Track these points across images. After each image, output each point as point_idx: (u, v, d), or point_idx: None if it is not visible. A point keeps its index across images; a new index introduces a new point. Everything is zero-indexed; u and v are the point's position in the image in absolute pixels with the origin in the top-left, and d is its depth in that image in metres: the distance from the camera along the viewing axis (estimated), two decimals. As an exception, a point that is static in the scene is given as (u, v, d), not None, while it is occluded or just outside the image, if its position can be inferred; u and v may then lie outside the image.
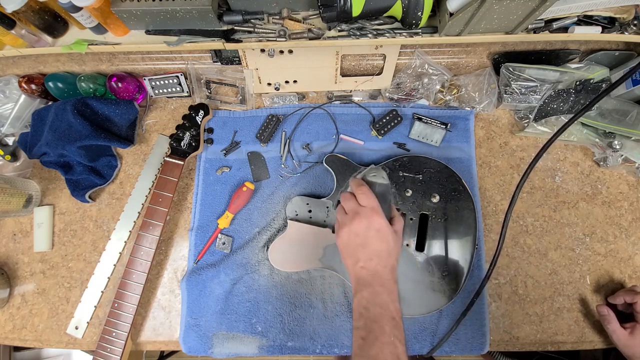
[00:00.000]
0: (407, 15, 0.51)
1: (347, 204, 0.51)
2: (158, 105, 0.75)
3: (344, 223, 0.49)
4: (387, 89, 0.71)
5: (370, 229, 0.47)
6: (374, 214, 0.48)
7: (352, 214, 0.49)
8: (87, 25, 0.55)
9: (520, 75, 0.67)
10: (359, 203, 0.49)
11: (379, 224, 0.47)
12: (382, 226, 0.47)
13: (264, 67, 0.67)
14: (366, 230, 0.47)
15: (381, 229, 0.47)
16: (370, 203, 0.49)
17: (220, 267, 0.64)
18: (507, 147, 0.71)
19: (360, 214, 0.48)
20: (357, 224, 0.47)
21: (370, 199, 0.49)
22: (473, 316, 0.62)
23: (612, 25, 0.58)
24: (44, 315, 0.65)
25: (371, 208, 0.48)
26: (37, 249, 0.68)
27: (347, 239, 0.48)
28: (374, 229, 0.47)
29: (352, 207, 0.49)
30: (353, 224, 0.48)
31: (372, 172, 0.54)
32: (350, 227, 0.48)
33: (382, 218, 0.48)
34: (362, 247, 0.47)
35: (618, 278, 0.65)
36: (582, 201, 0.69)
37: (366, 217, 0.47)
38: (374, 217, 0.47)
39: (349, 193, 0.52)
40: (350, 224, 0.48)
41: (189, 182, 0.70)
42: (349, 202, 0.50)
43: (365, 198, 0.49)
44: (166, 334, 0.64)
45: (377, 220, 0.47)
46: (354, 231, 0.47)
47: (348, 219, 0.49)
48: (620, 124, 0.66)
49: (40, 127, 0.68)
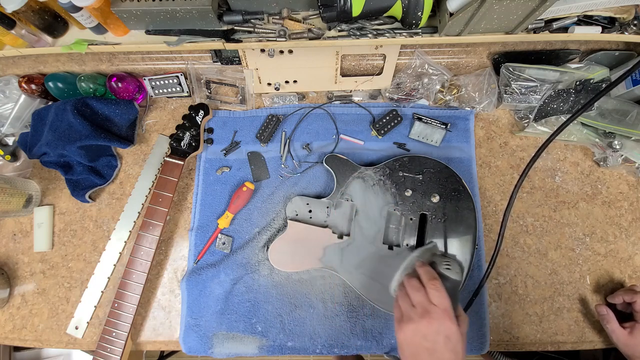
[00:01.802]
0: (407, 15, 0.51)
1: (415, 295, 0.46)
2: (158, 105, 0.75)
3: (410, 318, 0.45)
4: (387, 89, 0.71)
5: (440, 334, 0.43)
6: (447, 318, 0.44)
7: (421, 310, 0.45)
8: (87, 25, 0.55)
9: (520, 75, 0.67)
10: (429, 299, 0.45)
11: (451, 330, 0.43)
12: (454, 334, 0.43)
13: (264, 67, 0.67)
14: (436, 335, 0.43)
15: (452, 336, 0.43)
16: (443, 303, 0.45)
17: (220, 267, 0.64)
18: (507, 147, 0.71)
19: (431, 314, 0.44)
20: (426, 325, 0.44)
21: (444, 298, 0.45)
22: (473, 316, 0.62)
23: (612, 25, 0.58)
24: (44, 315, 0.66)
25: (444, 310, 0.44)
26: (37, 249, 0.68)
27: (412, 338, 0.44)
28: (444, 335, 0.43)
29: (422, 303, 0.45)
30: (422, 323, 0.44)
31: (445, 263, 0.48)
32: (418, 325, 0.44)
33: (454, 324, 0.44)
34: (428, 354, 0.43)
35: (618, 278, 0.65)
36: (582, 201, 0.69)
37: (438, 320, 0.43)
38: (446, 322, 0.43)
39: (418, 281, 0.47)
40: (419, 323, 0.44)
41: (189, 182, 0.70)
42: (418, 295, 0.46)
43: (439, 297, 0.45)
44: (166, 334, 0.64)
45: (449, 327, 0.43)
46: (422, 333, 0.44)
47: (416, 315, 0.45)
48: (620, 124, 0.66)
49: (40, 127, 0.68)
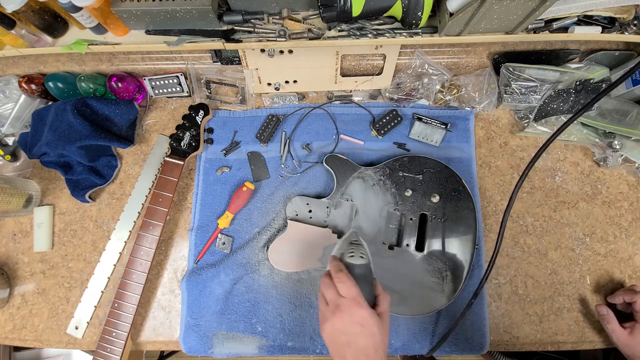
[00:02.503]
0: (407, 15, 0.51)
1: (327, 292, 0.47)
2: (158, 105, 0.75)
3: (325, 317, 0.46)
4: (387, 89, 0.71)
5: (353, 324, 0.44)
6: (356, 305, 0.44)
7: (332, 306, 0.45)
8: (87, 25, 0.55)
9: (520, 75, 0.67)
10: (338, 292, 0.46)
11: (362, 316, 0.44)
12: (366, 318, 0.44)
13: (264, 67, 0.67)
14: (349, 327, 0.44)
15: (364, 321, 0.44)
16: (350, 292, 0.45)
17: (220, 267, 0.64)
18: (507, 147, 0.71)
19: (340, 307, 0.44)
20: (338, 319, 0.44)
21: (350, 287, 0.45)
22: (473, 316, 0.62)
23: (612, 25, 0.58)
24: (44, 315, 0.66)
25: (352, 299, 0.44)
26: (37, 249, 0.68)
27: (331, 335, 0.45)
28: (357, 323, 0.44)
29: (332, 298, 0.46)
30: (335, 319, 0.44)
31: (350, 251, 0.49)
32: (332, 322, 0.45)
33: (364, 309, 0.44)
34: (347, 346, 0.44)
35: (618, 278, 0.65)
36: (582, 201, 0.69)
37: (347, 311, 0.44)
38: (355, 310, 0.44)
39: (328, 278, 0.48)
40: (332, 319, 0.44)
41: (189, 182, 0.70)
42: (329, 291, 0.46)
43: (344, 287, 0.45)
44: (166, 334, 0.64)
45: (359, 313, 0.44)
46: (337, 328, 0.44)
47: (329, 313, 0.45)
48: (620, 124, 0.66)
49: (40, 127, 0.68)
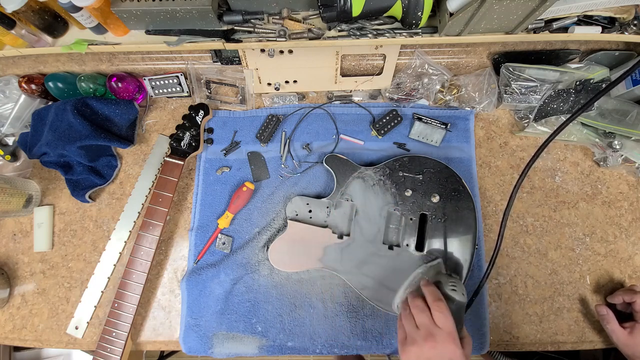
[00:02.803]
0: (407, 15, 0.51)
1: (419, 316, 0.46)
2: (158, 105, 0.75)
3: (413, 340, 0.45)
4: (387, 89, 0.71)
5: (444, 358, 0.43)
6: (451, 341, 0.43)
7: (425, 332, 0.44)
8: (87, 25, 0.55)
9: (520, 75, 0.67)
10: (434, 321, 0.45)
11: (455, 354, 0.43)
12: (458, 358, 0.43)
13: (264, 67, 0.67)
14: (438, 358, 0.43)
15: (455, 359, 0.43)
16: (447, 326, 0.44)
17: (220, 267, 0.64)
18: (507, 147, 0.71)
19: (435, 337, 0.44)
20: (430, 348, 0.43)
21: (448, 321, 0.44)
22: (473, 316, 0.62)
23: (612, 25, 0.58)
24: (44, 315, 0.66)
25: (448, 333, 0.44)
26: (37, 249, 0.68)
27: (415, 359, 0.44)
28: (447, 358, 0.43)
29: (426, 325, 0.45)
30: (425, 347, 0.43)
31: (451, 284, 0.48)
32: (422, 348, 0.44)
33: (458, 348, 0.44)
34: None
35: (618, 278, 0.65)
36: (582, 201, 0.69)
37: (442, 344, 0.43)
38: (449, 346, 0.43)
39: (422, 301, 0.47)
40: (422, 346, 0.44)
41: (189, 182, 0.70)
42: (422, 316, 0.46)
43: (443, 318, 0.45)
44: (166, 334, 0.64)
45: (453, 350, 0.43)
46: (426, 356, 0.43)
47: (420, 338, 0.44)
48: (620, 124, 0.66)
49: (40, 127, 0.68)
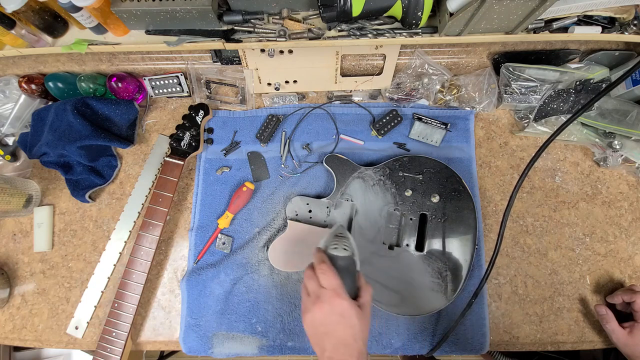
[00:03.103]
0: (407, 15, 0.51)
1: (309, 283, 0.47)
2: (158, 105, 0.75)
3: (306, 308, 0.46)
4: (387, 89, 0.71)
5: (332, 313, 0.44)
6: (336, 296, 0.44)
7: (313, 297, 0.46)
8: (87, 25, 0.55)
9: (520, 75, 0.67)
10: (320, 284, 0.46)
11: (342, 307, 0.44)
12: (345, 309, 0.44)
13: (264, 67, 0.67)
14: (329, 316, 0.44)
15: (344, 312, 0.44)
16: (330, 283, 0.45)
17: (220, 267, 0.64)
18: (507, 147, 0.71)
19: (321, 297, 0.45)
20: (318, 310, 0.45)
21: (331, 278, 0.45)
22: (473, 316, 0.62)
23: (612, 25, 0.58)
24: (44, 315, 0.66)
25: (332, 290, 0.45)
26: (37, 249, 0.68)
27: (311, 326, 0.46)
28: (336, 313, 0.44)
29: (313, 289, 0.46)
30: (315, 310, 0.45)
31: (333, 243, 0.49)
32: (312, 313, 0.45)
33: (344, 299, 0.44)
34: (326, 336, 0.44)
35: (618, 278, 0.65)
36: (582, 201, 0.69)
37: (327, 302, 0.44)
38: (335, 301, 0.44)
39: (311, 270, 0.48)
40: (313, 310, 0.45)
41: (189, 182, 0.70)
42: (311, 282, 0.47)
43: (326, 278, 0.46)
44: (166, 334, 0.64)
45: (339, 304, 0.44)
46: (317, 318, 0.45)
47: (310, 304, 0.46)
48: (620, 124, 0.66)
49: (40, 127, 0.68)
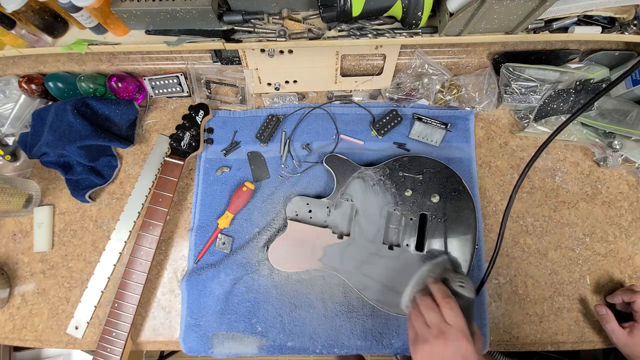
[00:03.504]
0: (407, 15, 0.51)
1: (429, 315, 0.46)
2: (158, 105, 0.75)
3: (425, 339, 0.45)
4: (387, 89, 0.71)
5: (457, 355, 0.43)
6: (463, 338, 0.44)
7: (436, 331, 0.44)
8: (87, 25, 0.55)
9: (520, 75, 0.67)
10: (444, 318, 0.45)
11: (467, 351, 0.43)
12: (470, 354, 0.43)
13: (264, 67, 0.67)
14: (453, 357, 0.43)
15: (469, 356, 0.43)
16: (458, 323, 0.44)
17: (220, 267, 0.64)
18: (507, 147, 0.71)
19: (446, 334, 0.44)
20: (442, 346, 0.43)
21: (459, 318, 0.45)
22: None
23: (612, 25, 0.58)
24: (44, 315, 0.66)
25: (459, 330, 0.44)
26: (37, 249, 0.68)
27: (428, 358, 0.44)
28: (460, 355, 0.43)
29: (437, 323, 0.45)
30: (437, 344, 0.44)
31: (459, 280, 0.48)
32: (433, 346, 0.44)
33: (470, 344, 0.44)
34: None
35: (618, 278, 0.65)
36: (582, 201, 0.69)
37: (453, 341, 0.43)
38: (461, 342, 0.43)
39: (431, 300, 0.47)
40: (434, 344, 0.44)
41: (189, 182, 0.70)
42: (432, 314, 0.46)
43: (453, 316, 0.45)
44: (166, 334, 0.64)
45: (466, 347, 0.43)
46: (439, 354, 0.44)
47: (431, 336, 0.44)
48: (620, 124, 0.66)
49: (40, 127, 0.68)
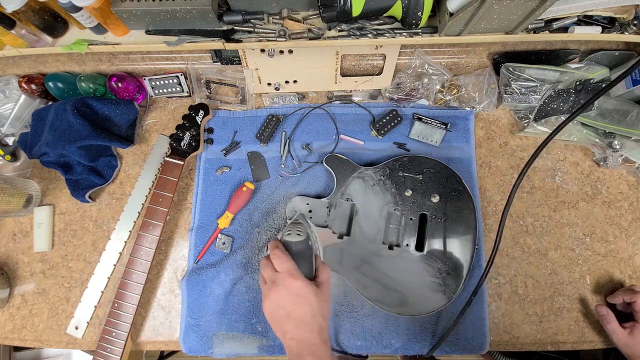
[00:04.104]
0: (407, 15, 0.51)
1: (265, 271, 0.49)
2: (158, 105, 0.75)
3: (265, 294, 0.48)
4: (387, 89, 0.71)
5: (289, 294, 0.45)
6: (290, 278, 0.46)
7: (270, 283, 0.47)
8: (87, 25, 0.55)
9: (520, 75, 0.67)
10: (275, 269, 0.48)
11: (297, 287, 0.45)
12: (300, 288, 0.45)
13: (264, 67, 0.67)
14: (285, 298, 0.45)
15: (299, 291, 0.45)
16: (284, 267, 0.47)
17: (220, 267, 0.64)
18: (507, 147, 0.71)
19: (276, 282, 0.46)
20: (275, 293, 0.46)
21: (284, 262, 0.47)
22: (473, 316, 0.62)
23: (612, 25, 0.58)
24: (44, 315, 0.65)
25: (286, 272, 0.46)
26: (37, 249, 0.68)
27: (271, 311, 0.47)
28: (292, 294, 0.45)
29: (269, 275, 0.48)
30: (271, 294, 0.46)
31: (287, 230, 0.50)
32: (270, 298, 0.46)
33: (298, 279, 0.46)
34: (286, 318, 0.45)
35: (618, 278, 0.65)
36: (582, 201, 0.69)
37: (283, 284, 0.46)
38: (290, 282, 0.46)
39: (266, 258, 0.50)
40: (270, 295, 0.46)
41: (189, 182, 0.70)
42: (266, 270, 0.48)
43: (279, 262, 0.47)
44: (166, 334, 0.64)
45: (294, 284, 0.46)
46: (275, 302, 0.46)
47: (267, 289, 0.47)
48: (620, 124, 0.66)
49: (40, 127, 0.68)
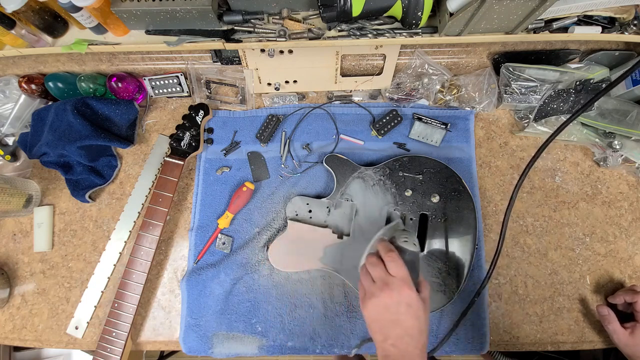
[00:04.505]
0: (407, 15, 0.51)
1: (374, 270, 0.47)
2: (158, 105, 0.75)
3: (372, 293, 0.46)
4: (387, 89, 0.71)
5: (401, 303, 0.44)
6: (405, 286, 0.45)
7: (380, 283, 0.46)
8: (87, 25, 0.55)
9: (520, 75, 0.67)
10: (387, 271, 0.46)
11: (411, 297, 0.44)
12: (414, 300, 0.44)
13: (264, 67, 0.67)
14: (397, 305, 0.44)
15: (412, 303, 0.44)
16: (400, 273, 0.46)
17: (220, 267, 0.64)
18: (507, 147, 0.71)
19: (390, 285, 0.45)
20: (387, 296, 0.44)
21: (401, 268, 0.46)
22: (473, 316, 0.62)
23: (612, 25, 0.58)
24: (44, 315, 0.65)
25: (401, 279, 0.45)
26: (37, 249, 0.68)
27: (376, 312, 0.46)
28: (405, 303, 0.44)
29: (381, 276, 0.46)
30: (382, 296, 0.45)
31: (403, 237, 0.49)
32: (379, 299, 0.45)
33: (413, 291, 0.45)
34: (392, 324, 0.44)
35: (618, 278, 0.65)
36: (582, 201, 0.69)
37: (397, 290, 0.44)
38: (405, 290, 0.44)
39: (376, 257, 0.48)
40: (380, 296, 0.45)
41: (189, 182, 0.70)
42: (377, 269, 0.47)
43: (395, 267, 0.46)
44: (166, 334, 0.64)
45: (409, 294, 0.44)
46: (384, 304, 0.45)
47: (377, 289, 0.46)
48: (620, 124, 0.66)
49: (40, 127, 0.68)
